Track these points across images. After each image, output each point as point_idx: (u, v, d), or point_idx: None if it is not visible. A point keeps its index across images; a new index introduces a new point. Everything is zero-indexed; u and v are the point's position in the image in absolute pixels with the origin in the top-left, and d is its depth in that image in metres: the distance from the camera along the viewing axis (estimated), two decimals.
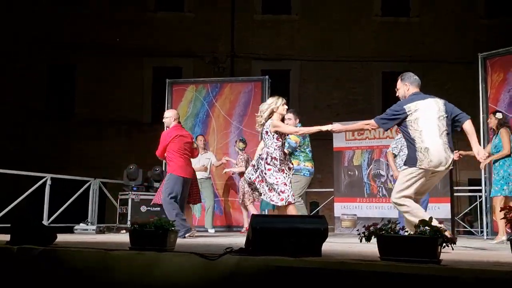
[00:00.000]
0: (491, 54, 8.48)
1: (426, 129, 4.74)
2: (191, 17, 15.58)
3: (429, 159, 4.67)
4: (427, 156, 4.68)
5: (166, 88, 10.21)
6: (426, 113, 4.79)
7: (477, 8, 15.27)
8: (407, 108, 4.83)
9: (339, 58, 14.92)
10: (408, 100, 4.92)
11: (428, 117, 4.78)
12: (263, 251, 3.35)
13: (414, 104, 4.84)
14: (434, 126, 4.76)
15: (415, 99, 4.89)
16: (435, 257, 3.12)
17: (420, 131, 4.75)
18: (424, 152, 4.70)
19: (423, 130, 4.74)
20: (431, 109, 4.82)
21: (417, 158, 4.71)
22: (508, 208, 3.27)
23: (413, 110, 4.81)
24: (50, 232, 4.46)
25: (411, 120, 4.80)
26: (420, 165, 4.70)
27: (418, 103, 4.84)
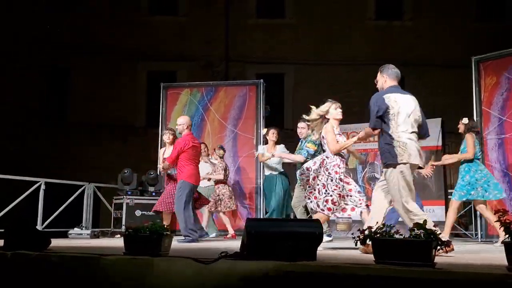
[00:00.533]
0: (485, 58, 8.52)
1: (404, 125, 4.66)
2: (186, 21, 15.59)
3: (408, 152, 4.58)
4: (406, 150, 4.58)
5: (161, 92, 10.20)
6: (405, 109, 4.71)
7: (469, 12, 15.35)
8: (386, 99, 4.74)
9: (334, 62, 14.96)
10: (387, 91, 4.84)
11: (407, 113, 4.70)
12: (258, 255, 3.35)
13: (393, 96, 4.76)
14: (410, 123, 4.70)
15: (394, 91, 4.82)
16: (430, 261, 3.13)
17: (398, 126, 4.66)
18: (404, 147, 4.60)
19: (400, 125, 4.66)
20: (409, 106, 4.75)
21: (397, 154, 4.60)
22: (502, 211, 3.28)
23: (393, 102, 4.72)
24: (44, 237, 4.44)
25: (393, 114, 4.69)
26: (401, 160, 4.58)
27: (397, 96, 4.76)
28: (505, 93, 8.09)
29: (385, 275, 2.83)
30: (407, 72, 14.59)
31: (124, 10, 15.40)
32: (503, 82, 8.14)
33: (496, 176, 8.03)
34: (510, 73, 8.05)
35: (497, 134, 8.10)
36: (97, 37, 15.10)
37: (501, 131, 8.04)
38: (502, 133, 8.01)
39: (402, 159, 4.56)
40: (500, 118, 8.03)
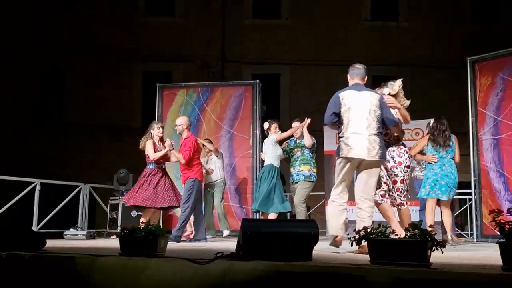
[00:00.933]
0: (480, 58, 8.54)
1: (354, 120, 4.91)
2: (182, 21, 15.59)
3: (349, 147, 4.86)
4: (348, 145, 4.86)
5: (157, 92, 10.18)
6: (357, 105, 4.95)
7: (464, 13, 15.40)
8: (341, 97, 5.03)
9: (329, 62, 14.96)
10: (343, 89, 5.14)
11: (358, 108, 4.94)
12: (254, 255, 3.35)
13: (347, 93, 5.04)
14: (362, 118, 4.90)
15: (350, 89, 5.11)
16: (425, 261, 3.14)
17: (348, 122, 4.92)
18: (346, 141, 4.88)
19: (351, 120, 4.91)
20: (363, 101, 4.97)
21: (341, 148, 4.93)
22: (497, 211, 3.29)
23: (345, 99, 4.99)
24: (39, 238, 4.43)
25: (345, 111, 4.97)
26: (341, 154, 4.91)
27: (351, 93, 5.03)
28: (500, 94, 8.12)
29: (381, 275, 2.83)
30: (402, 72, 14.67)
31: (121, 11, 15.38)
32: (498, 83, 8.16)
33: (492, 176, 8.06)
34: (505, 73, 8.07)
35: (492, 135, 8.12)
36: (94, 38, 15.08)
37: (496, 132, 8.06)
38: (497, 133, 8.04)
39: (342, 153, 4.91)
40: (495, 118, 8.06)
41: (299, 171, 7.77)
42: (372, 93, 5.10)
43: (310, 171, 7.74)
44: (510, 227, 3.07)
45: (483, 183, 8.18)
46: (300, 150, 7.90)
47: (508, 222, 3.12)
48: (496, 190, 7.98)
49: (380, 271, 2.89)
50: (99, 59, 14.97)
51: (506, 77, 8.06)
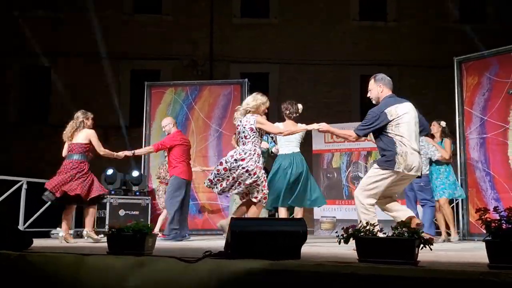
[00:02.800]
0: (466, 58, 8.62)
1: (407, 134, 4.72)
2: (169, 20, 15.52)
3: (407, 162, 4.65)
4: (406, 160, 4.65)
5: (145, 91, 10.14)
6: (406, 118, 4.77)
7: (451, 14, 15.52)
8: (388, 113, 4.75)
9: (318, 62, 15.01)
10: (387, 104, 4.83)
11: (408, 122, 4.76)
12: (242, 254, 3.35)
13: (394, 108, 4.77)
14: (412, 131, 4.76)
15: (393, 103, 4.82)
16: (413, 259, 3.16)
17: (402, 136, 4.71)
18: (404, 156, 4.65)
19: (404, 135, 4.71)
20: (410, 114, 4.81)
21: (396, 161, 4.66)
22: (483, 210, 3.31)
23: (394, 115, 4.74)
24: (26, 237, 4.39)
25: (392, 125, 4.74)
26: (398, 168, 4.66)
27: (398, 107, 4.78)
28: (486, 93, 8.20)
29: (369, 273, 2.85)
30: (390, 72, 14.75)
31: (107, 8, 15.27)
32: (485, 83, 8.25)
33: (478, 175, 8.14)
34: (492, 73, 8.16)
35: (478, 134, 8.20)
36: (80, 36, 14.96)
37: (483, 131, 8.14)
38: (484, 132, 8.12)
39: (399, 167, 4.67)
40: (482, 118, 8.14)
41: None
42: (410, 103, 4.97)
43: None
44: (496, 225, 3.10)
45: (469, 182, 8.26)
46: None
47: (494, 220, 3.15)
48: (483, 188, 8.07)
49: (368, 269, 2.91)
50: (85, 57, 14.86)
51: (492, 77, 8.14)
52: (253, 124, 5.56)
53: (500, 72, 8.07)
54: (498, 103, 7.98)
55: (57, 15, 15.26)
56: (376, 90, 4.99)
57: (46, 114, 15.14)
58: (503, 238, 2.99)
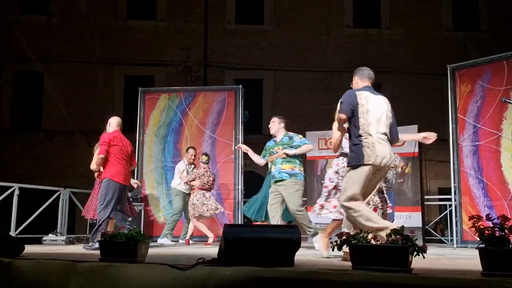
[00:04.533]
0: (460, 66, 8.67)
1: (375, 124, 4.51)
2: (164, 26, 15.53)
3: (376, 154, 4.40)
4: (374, 151, 4.41)
5: (139, 96, 10.12)
6: (376, 107, 4.57)
7: (444, 22, 15.62)
8: (358, 95, 4.60)
9: (311, 68, 15.07)
10: (359, 89, 4.73)
11: (378, 111, 4.57)
12: (236, 261, 3.33)
13: (364, 94, 4.63)
14: (382, 122, 4.55)
15: (366, 90, 4.70)
16: (406, 266, 3.15)
17: (369, 125, 4.48)
18: (372, 147, 4.42)
19: (371, 124, 4.49)
20: (381, 105, 4.63)
21: (364, 154, 4.41)
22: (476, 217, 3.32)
23: (363, 100, 4.57)
24: (17, 243, 4.36)
25: (363, 112, 4.53)
26: (368, 161, 4.39)
27: (368, 95, 4.63)
28: (479, 101, 8.24)
29: (362, 281, 2.84)
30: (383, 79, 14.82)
31: (101, 15, 15.27)
32: (478, 90, 8.29)
33: (471, 182, 8.17)
34: (484, 81, 8.20)
35: (471, 141, 8.23)
36: (74, 41, 14.95)
37: (476, 138, 8.17)
38: (477, 140, 8.15)
39: (369, 160, 4.39)
40: (475, 125, 8.17)
41: (281, 169, 6.51)
42: (386, 99, 4.77)
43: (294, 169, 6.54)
44: (489, 233, 3.10)
45: (463, 189, 8.28)
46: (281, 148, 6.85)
47: (487, 228, 3.15)
48: (476, 196, 8.09)
49: (362, 276, 2.90)
50: (79, 63, 14.83)
51: (485, 84, 8.18)
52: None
53: (493, 79, 8.11)
54: (491, 110, 8.02)
55: (51, 20, 15.23)
56: (354, 83, 4.94)
57: (39, 120, 15.07)
58: (496, 246, 3.00)
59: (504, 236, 3.05)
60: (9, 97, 15.09)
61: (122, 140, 6.78)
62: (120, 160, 6.63)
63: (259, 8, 15.79)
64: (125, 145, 6.79)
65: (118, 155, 6.62)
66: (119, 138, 6.75)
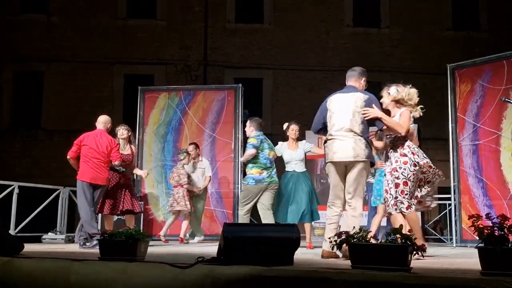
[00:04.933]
0: (460, 65, 8.66)
1: (337, 123, 4.79)
2: (164, 25, 15.52)
3: (332, 151, 4.74)
4: (331, 148, 4.75)
5: (138, 95, 10.11)
6: (341, 106, 4.83)
7: (444, 21, 15.61)
8: (328, 102, 4.94)
9: (311, 67, 15.06)
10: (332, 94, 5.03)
11: (342, 111, 4.81)
12: (235, 260, 3.33)
13: (334, 97, 4.94)
14: (346, 120, 4.75)
15: (337, 92, 5.00)
16: (406, 265, 3.16)
17: (333, 125, 4.82)
18: (330, 146, 4.77)
19: (335, 124, 4.80)
20: (347, 103, 4.83)
21: (326, 153, 4.83)
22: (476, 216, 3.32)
23: (330, 104, 4.90)
24: (17, 242, 4.36)
25: (329, 115, 4.89)
26: (327, 159, 4.82)
27: (337, 96, 4.92)
28: (479, 100, 8.24)
29: (361, 280, 2.84)
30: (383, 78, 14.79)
31: (101, 14, 15.26)
32: (478, 90, 8.28)
33: (471, 181, 8.17)
34: (484, 81, 8.20)
35: (471, 141, 8.23)
36: (74, 40, 14.94)
37: (475, 138, 8.17)
38: (476, 139, 8.14)
39: (327, 158, 4.81)
40: (475, 124, 8.17)
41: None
42: (359, 94, 4.87)
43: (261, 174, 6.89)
44: (489, 232, 3.10)
45: (462, 188, 8.28)
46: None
47: (486, 227, 3.15)
48: (475, 195, 8.09)
49: (361, 275, 2.90)
50: (79, 62, 14.82)
51: (485, 84, 8.18)
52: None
53: (493, 79, 8.11)
54: (491, 110, 8.02)
55: (51, 19, 15.22)
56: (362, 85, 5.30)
57: (38, 119, 15.06)
58: (496, 245, 3.00)
59: (504, 235, 3.06)
60: (9, 96, 15.07)
61: (94, 139, 6.88)
62: (88, 159, 6.71)
63: (259, 7, 15.78)
64: (98, 144, 6.84)
65: (86, 155, 6.74)
66: (89, 138, 6.88)
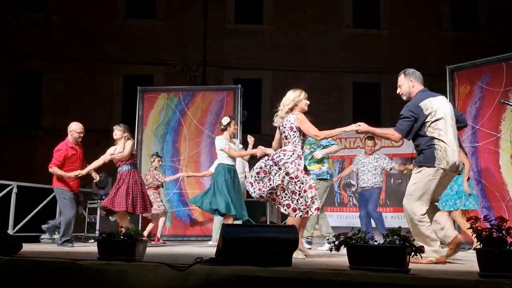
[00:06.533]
0: (459, 67, 8.66)
1: (445, 129, 4.49)
2: (163, 25, 15.52)
3: (447, 159, 4.42)
4: (446, 156, 4.42)
5: (137, 95, 10.10)
6: (441, 112, 4.54)
7: (443, 22, 15.63)
8: (423, 107, 4.53)
9: (311, 68, 15.05)
10: (422, 98, 4.63)
11: (444, 116, 4.53)
12: (233, 261, 3.34)
13: (429, 102, 4.56)
14: (450, 126, 4.55)
15: (427, 96, 4.63)
16: (404, 266, 3.16)
17: (439, 131, 4.47)
18: (444, 152, 4.42)
19: (442, 129, 4.48)
20: (445, 107, 4.59)
21: (436, 157, 4.42)
22: (474, 219, 3.32)
23: (430, 109, 4.51)
24: (15, 242, 4.36)
25: (429, 121, 4.51)
26: (439, 164, 4.41)
27: (432, 101, 4.57)
28: (478, 102, 8.23)
29: (360, 281, 2.84)
30: (382, 79, 14.82)
31: (100, 13, 15.25)
32: (476, 91, 8.28)
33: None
34: (483, 82, 8.19)
35: (470, 143, 8.22)
36: (73, 40, 14.93)
37: (474, 140, 8.17)
38: (475, 141, 8.14)
39: (440, 164, 4.41)
40: (473, 126, 8.16)
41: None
42: (444, 97, 4.78)
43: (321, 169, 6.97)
44: (487, 234, 3.10)
45: None
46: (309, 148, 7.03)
47: (485, 229, 3.16)
48: None
49: (359, 276, 2.90)
50: (78, 61, 14.81)
51: (484, 86, 8.18)
52: (294, 123, 5.14)
53: (492, 81, 8.11)
54: (490, 112, 8.02)
55: (50, 18, 15.21)
56: (407, 85, 4.83)
57: (37, 118, 15.06)
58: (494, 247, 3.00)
59: (502, 237, 3.06)
60: (8, 95, 15.07)
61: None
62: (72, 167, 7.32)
63: (258, 7, 15.79)
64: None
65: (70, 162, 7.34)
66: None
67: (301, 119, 5.14)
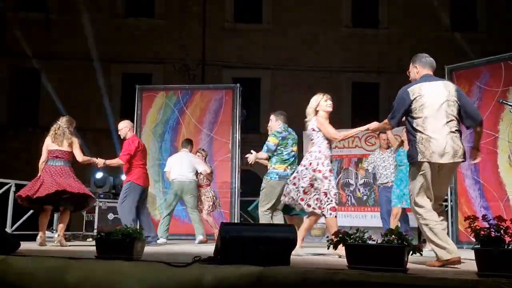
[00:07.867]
0: (457, 67, 8.66)
1: (431, 116, 4.17)
2: (162, 24, 15.52)
3: (431, 150, 4.10)
4: (428, 146, 4.10)
5: (136, 94, 10.09)
6: (432, 97, 4.21)
7: (442, 22, 15.64)
8: (410, 92, 4.28)
9: (310, 68, 15.06)
10: (413, 83, 4.39)
11: (434, 102, 4.20)
12: (232, 259, 3.33)
13: (418, 87, 4.28)
14: (440, 112, 4.18)
15: (421, 81, 4.35)
16: (402, 266, 3.16)
17: (424, 118, 4.17)
18: (425, 143, 4.11)
19: (427, 116, 4.16)
20: (438, 92, 4.25)
21: (418, 151, 4.14)
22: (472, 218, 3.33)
23: (417, 94, 4.23)
24: (13, 240, 4.35)
25: (416, 107, 4.22)
26: (423, 158, 4.11)
27: (423, 86, 4.28)
28: (476, 102, 8.23)
29: (358, 280, 2.84)
30: (381, 79, 14.84)
31: (99, 12, 15.24)
32: (475, 91, 8.28)
33: (467, 183, 8.17)
34: (482, 82, 8.20)
35: (468, 142, 8.21)
36: (72, 39, 14.91)
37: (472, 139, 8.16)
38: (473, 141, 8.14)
39: (423, 156, 4.12)
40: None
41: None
42: (446, 82, 4.44)
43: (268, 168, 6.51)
44: (485, 234, 3.11)
45: (459, 190, 8.28)
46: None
47: (483, 229, 3.16)
48: (472, 197, 8.09)
49: (357, 275, 2.90)
50: (76, 60, 14.79)
51: (482, 85, 8.18)
52: (314, 124, 5.41)
53: (490, 81, 8.11)
54: (488, 111, 8.02)
55: (49, 17, 15.20)
56: (413, 72, 4.57)
57: (36, 117, 15.04)
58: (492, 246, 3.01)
59: (500, 237, 3.07)
60: (6, 94, 15.05)
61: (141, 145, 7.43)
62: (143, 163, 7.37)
63: (257, 7, 15.80)
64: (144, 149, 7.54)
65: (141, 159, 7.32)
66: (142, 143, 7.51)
67: (321, 121, 5.36)
